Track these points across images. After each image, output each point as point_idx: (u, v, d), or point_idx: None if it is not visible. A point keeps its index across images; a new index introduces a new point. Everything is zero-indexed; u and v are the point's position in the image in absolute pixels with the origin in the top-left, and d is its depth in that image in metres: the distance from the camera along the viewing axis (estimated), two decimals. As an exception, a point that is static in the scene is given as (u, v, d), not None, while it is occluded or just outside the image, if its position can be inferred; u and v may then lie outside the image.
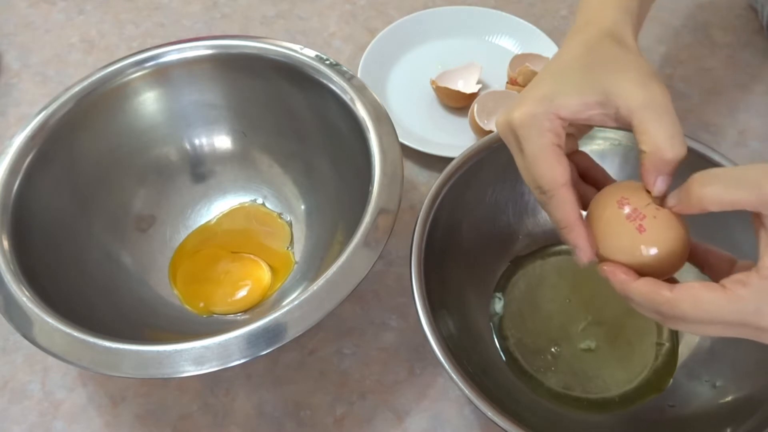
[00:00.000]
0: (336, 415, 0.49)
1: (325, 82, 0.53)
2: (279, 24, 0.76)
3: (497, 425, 0.39)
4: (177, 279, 0.55)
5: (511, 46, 0.72)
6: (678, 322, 0.33)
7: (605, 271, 0.36)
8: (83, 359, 0.40)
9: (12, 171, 0.49)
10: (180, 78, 0.57)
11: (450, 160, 0.49)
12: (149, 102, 0.57)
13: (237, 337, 0.40)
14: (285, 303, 0.41)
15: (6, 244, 0.46)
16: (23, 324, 0.42)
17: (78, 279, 0.50)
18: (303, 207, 0.58)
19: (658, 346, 0.50)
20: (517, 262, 0.54)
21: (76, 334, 0.41)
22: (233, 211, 0.59)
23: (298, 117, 0.57)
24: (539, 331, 0.51)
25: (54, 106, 0.52)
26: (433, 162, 0.62)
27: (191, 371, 0.39)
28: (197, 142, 0.60)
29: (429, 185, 0.56)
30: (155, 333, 0.50)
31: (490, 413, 0.39)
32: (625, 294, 0.35)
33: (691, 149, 0.40)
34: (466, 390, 0.39)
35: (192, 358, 0.40)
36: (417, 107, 0.67)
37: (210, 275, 0.55)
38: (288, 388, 0.51)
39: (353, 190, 0.50)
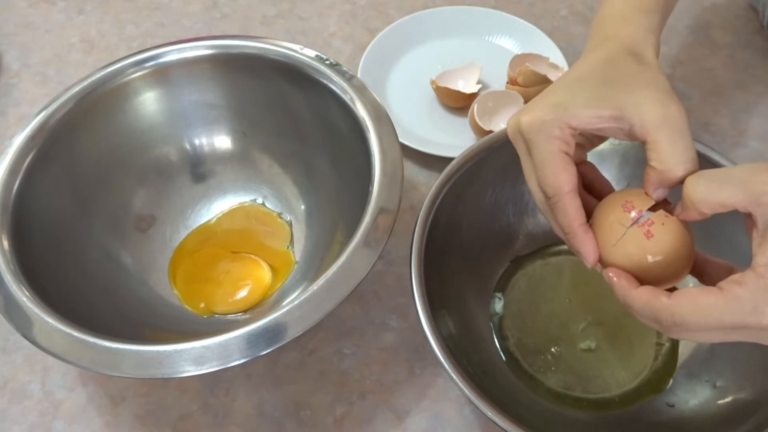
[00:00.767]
0: (336, 415, 0.49)
1: (325, 82, 0.53)
2: (279, 24, 0.76)
3: (497, 425, 0.39)
4: (177, 279, 0.55)
5: (511, 46, 0.72)
6: (678, 329, 0.33)
7: (609, 278, 0.36)
8: (83, 359, 0.40)
9: (12, 171, 0.49)
10: (180, 78, 0.57)
11: (450, 160, 0.49)
12: (149, 102, 0.57)
13: (237, 337, 0.40)
14: (285, 303, 0.41)
15: (6, 244, 0.46)
16: (23, 324, 0.42)
17: (78, 279, 0.50)
18: (303, 207, 0.58)
19: (658, 346, 0.50)
20: (517, 262, 0.54)
21: (76, 334, 0.41)
22: (233, 211, 0.59)
23: (298, 117, 0.57)
24: (539, 331, 0.51)
25: (54, 106, 0.52)
26: (433, 162, 0.62)
27: (191, 371, 0.39)
28: (197, 142, 0.60)
29: (429, 185, 0.56)
30: (155, 333, 0.50)
31: (490, 413, 0.39)
32: (626, 302, 0.35)
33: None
34: (466, 390, 0.39)
35: (192, 358, 0.40)
36: (417, 107, 0.67)
37: (210, 275, 0.55)
38: (288, 388, 0.51)
39: (353, 190, 0.50)
